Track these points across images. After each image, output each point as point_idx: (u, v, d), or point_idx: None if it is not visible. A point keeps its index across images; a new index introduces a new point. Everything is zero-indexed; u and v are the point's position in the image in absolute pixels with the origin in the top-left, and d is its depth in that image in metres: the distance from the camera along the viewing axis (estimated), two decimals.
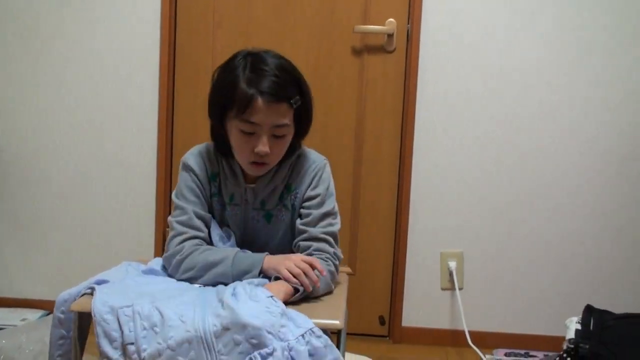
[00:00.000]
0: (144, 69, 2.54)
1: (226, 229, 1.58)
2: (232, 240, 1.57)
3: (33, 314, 2.52)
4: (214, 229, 1.55)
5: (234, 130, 1.46)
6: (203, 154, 1.58)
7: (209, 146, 1.60)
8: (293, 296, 1.36)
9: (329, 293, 1.48)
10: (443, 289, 2.54)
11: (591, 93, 2.44)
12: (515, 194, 2.49)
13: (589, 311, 2.06)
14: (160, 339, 1.19)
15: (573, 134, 2.46)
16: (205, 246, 1.50)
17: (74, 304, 1.32)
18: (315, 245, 1.51)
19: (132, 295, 1.28)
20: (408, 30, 2.47)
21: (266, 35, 2.49)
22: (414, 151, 2.48)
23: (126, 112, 2.56)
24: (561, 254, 2.50)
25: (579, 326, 2.00)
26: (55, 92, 2.57)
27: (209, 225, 1.55)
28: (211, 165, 1.57)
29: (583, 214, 2.48)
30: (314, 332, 1.21)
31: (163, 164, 2.55)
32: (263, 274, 1.41)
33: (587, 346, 1.94)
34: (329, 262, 1.49)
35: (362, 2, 2.46)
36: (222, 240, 1.55)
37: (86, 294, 1.34)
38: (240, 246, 1.58)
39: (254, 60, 1.45)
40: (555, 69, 2.44)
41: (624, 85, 2.43)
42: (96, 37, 2.54)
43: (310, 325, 1.22)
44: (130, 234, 2.60)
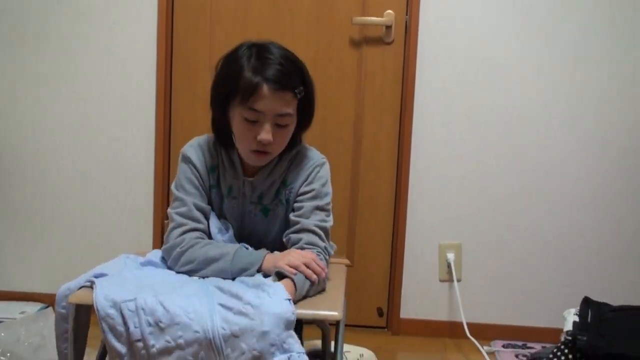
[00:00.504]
0: (140, 64, 2.52)
1: (224, 221, 1.58)
2: (231, 232, 1.56)
3: (32, 307, 2.52)
4: (212, 220, 1.55)
5: (237, 118, 1.46)
6: (203, 146, 1.58)
7: (208, 138, 1.60)
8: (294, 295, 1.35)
9: (322, 291, 1.44)
10: (441, 281, 2.55)
11: (590, 84, 2.43)
12: (514, 186, 2.49)
13: (587, 303, 2.07)
14: (169, 338, 1.19)
15: (572, 125, 2.46)
16: (206, 240, 1.49)
17: (71, 297, 1.32)
18: (306, 238, 1.49)
19: (133, 288, 1.28)
20: (406, 22, 2.46)
21: (264, 28, 2.47)
22: (412, 143, 2.48)
23: (123, 108, 2.55)
24: (560, 246, 2.50)
25: (576, 318, 2.01)
26: (52, 90, 2.56)
27: (208, 217, 1.55)
28: (210, 157, 1.57)
29: (582, 206, 2.48)
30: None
31: (161, 160, 2.55)
32: (263, 273, 1.41)
33: (585, 338, 1.94)
34: (321, 257, 1.47)
35: None
36: (221, 232, 1.55)
37: (84, 287, 1.34)
38: (238, 239, 1.58)
39: (259, 49, 1.45)
40: (554, 60, 2.43)
41: (624, 76, 2.42)
42: (92, 34, 2.53)
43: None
44: (129, 230, 2.60)
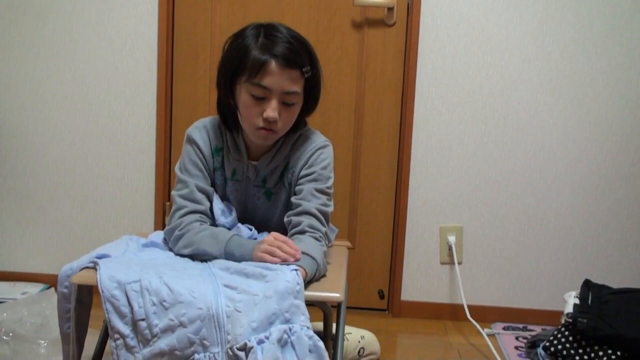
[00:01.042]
0: (142, 43, 2.51)
1: (227, 204, 1.58)
2: (234, 215, 1.56)
3: (34, 288, 2.53)
4: (216, 202, 1.55)
5: (243, 94, 1.45)
6: (208, 127, 1.57)
7: (214, 120, 1.59)
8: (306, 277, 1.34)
9: (323, 276, 1.43)
10: (442, 264, 2.55)
11: (591, 67, 2.42)
12: (516, 169, 2.49)
13: (587, 286, 2.08)
14: (173, 316, 1.20)
15: (572, 107, 2.45)
16: (203, 226, 1.47)
17: (74, 277, 1.32)
18: (307, 221, 1.47)
19: (137, 269, 1.28)
20: (408, 4, 2.44)
21: (265, 8, 2.46)
22: (414, 125, 2.47)
23: (124, 87, 2.54)
24: (560, 229, 2.51)
25: (577, 300, 2.02)
26: (52, 66, 2.55)
27: (211, 199, 1.55)
28: (215, 139, 1.57)
29: (582, 188, 2.48)
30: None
31: (162, 138, 2.54)
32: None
33: (585, 320, 1.95)
34: (322, 242, 1.47)
35: None
36: (224, 214, 1.54)
37: (87, 267, 1.34)
38: (241, 221, 1.58)
39: (267, 29, 1.45)
40: (555, 42, 2.42)
41: (624, 60, 2.41)
42: (93, 11, 2.51)
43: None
44: (130, 207, 2.60)
